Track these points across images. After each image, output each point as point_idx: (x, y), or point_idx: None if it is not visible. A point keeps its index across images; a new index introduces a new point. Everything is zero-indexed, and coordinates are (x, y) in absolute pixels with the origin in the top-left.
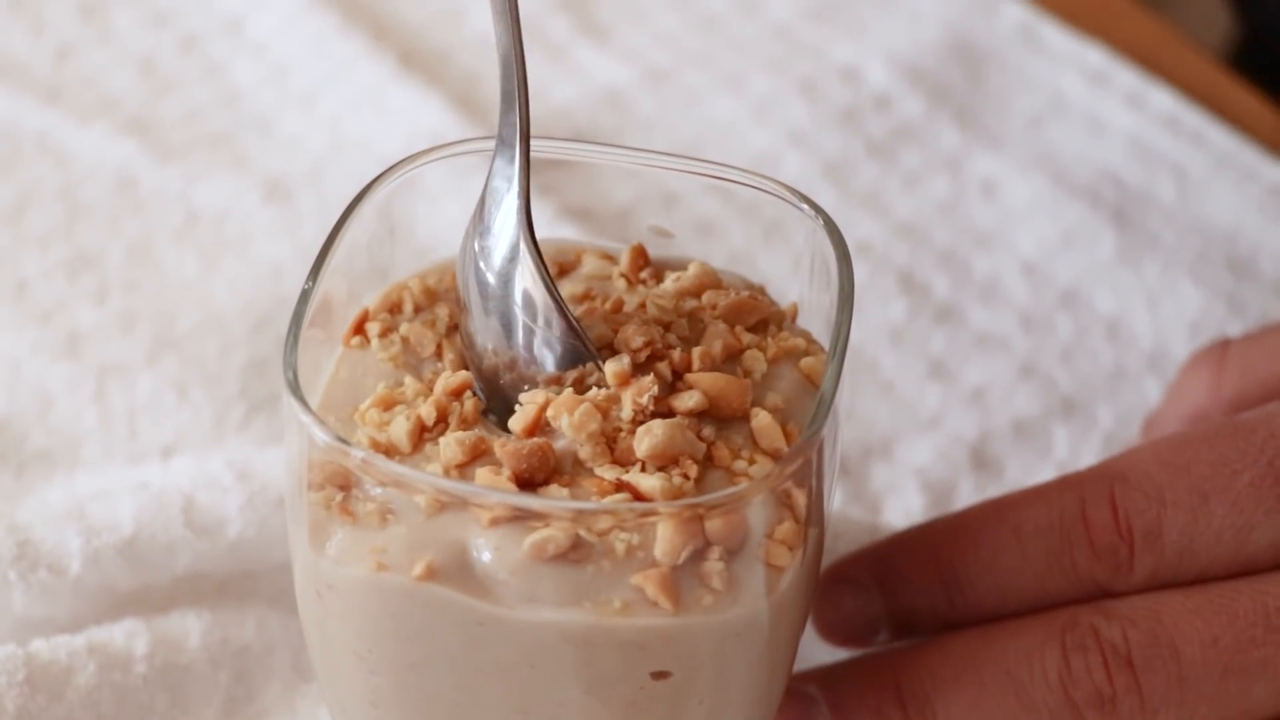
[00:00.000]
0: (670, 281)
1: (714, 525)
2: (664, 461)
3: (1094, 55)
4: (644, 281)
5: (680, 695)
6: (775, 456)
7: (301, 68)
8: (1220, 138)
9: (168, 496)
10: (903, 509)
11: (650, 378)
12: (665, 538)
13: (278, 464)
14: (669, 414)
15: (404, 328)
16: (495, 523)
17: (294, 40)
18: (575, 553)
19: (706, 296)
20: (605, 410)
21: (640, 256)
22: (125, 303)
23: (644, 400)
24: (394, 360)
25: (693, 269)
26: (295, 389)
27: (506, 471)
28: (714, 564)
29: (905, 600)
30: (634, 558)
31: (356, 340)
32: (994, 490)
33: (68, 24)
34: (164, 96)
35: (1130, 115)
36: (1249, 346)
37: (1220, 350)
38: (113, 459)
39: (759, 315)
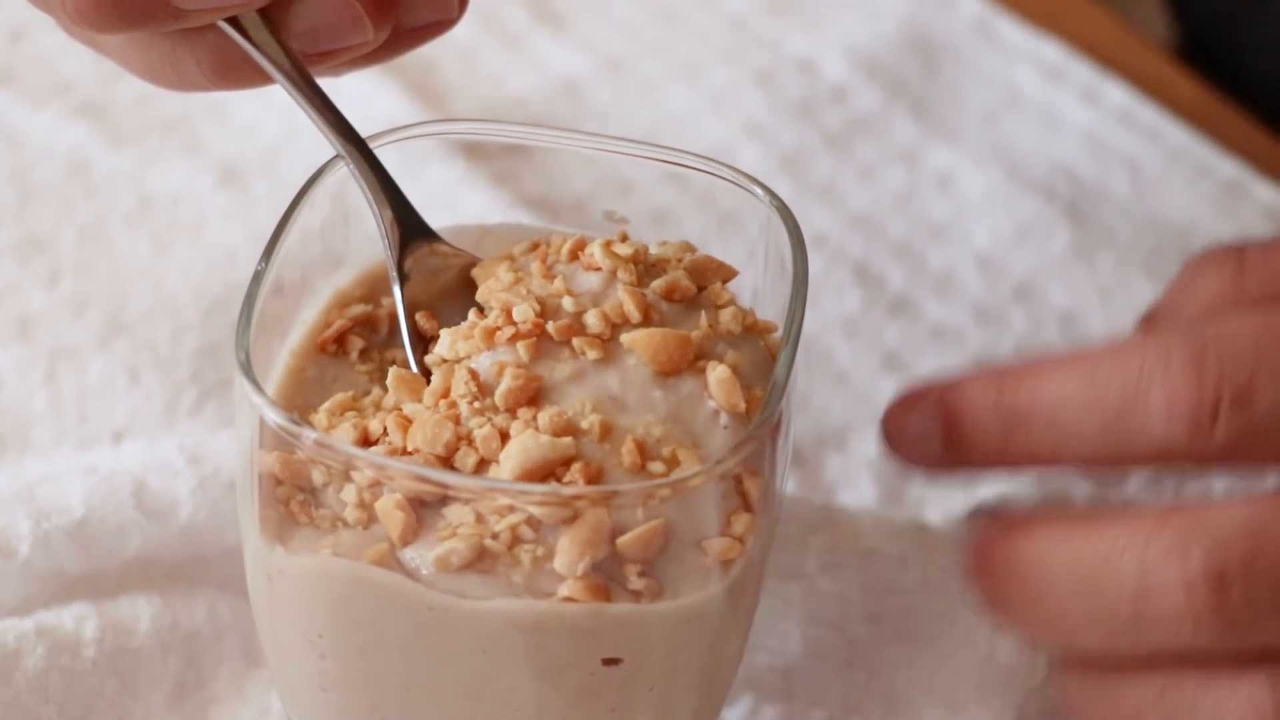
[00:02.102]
0: (655, 245)
1: (626, 541)
2: (543, 476)
3: (1049, 50)
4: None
5: (631, 681)
6: (733, 412)
7: None
8: (1174, 133)
9: (118, 480)
10: (855, 500)
11: (465, 375)
12: (563, 549)
13: (229, 448)
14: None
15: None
16: (405, 541)
17: None
18: (482, 563)
19: (673, 250)
20: (454, 418)
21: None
22: (77, 286)
23: (462, 389)
24: (370, 375)
25: (677, 241)
26: (248, 370)
27: (397, 497)
28: (635, 581)
29: (961, 433)
30: (543, 569)
31: (333, 348)
32: (946, 482)
33: (20, 6)
34: (117, 80)
35: (1085, 110)
36: (1270, 253)
37: (1237, 253)
38: (63, 442)
39: (724, 276)
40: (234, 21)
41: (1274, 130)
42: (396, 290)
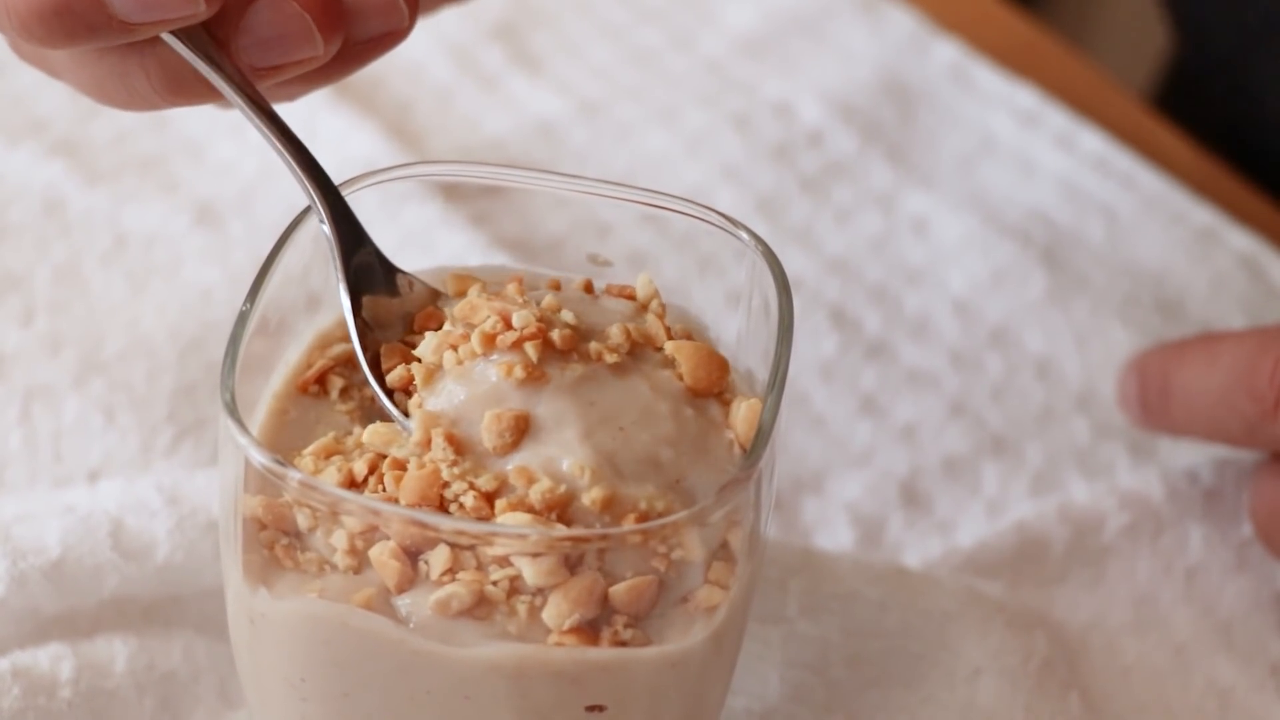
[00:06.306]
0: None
1: (618, 592)
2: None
3: (1024, 96)
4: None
5: None
6: (747, 447)
7: None
8: (1149, 180)
9: (95, 519)
10: (833, 543)
11: (441, 441)
12: (555, 602)
13: (207, 488)
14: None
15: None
16: (401, 590)
17: None
18: (480, 609)
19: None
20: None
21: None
22: (52, 325)
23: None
24: (350, 414)
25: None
26: (233, 410)
27: (392, 545)
28: (623, 631)
29: (1143, 401)
30: (537, 620)
31: (314, 389)
32: (924, 527)
33: None
34: (93, 118)
35: (1060, 156)
36: None
37: None
38: (38, 482)
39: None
40: (182, 35)
41: (1269, 172)
42: (342, 289)
